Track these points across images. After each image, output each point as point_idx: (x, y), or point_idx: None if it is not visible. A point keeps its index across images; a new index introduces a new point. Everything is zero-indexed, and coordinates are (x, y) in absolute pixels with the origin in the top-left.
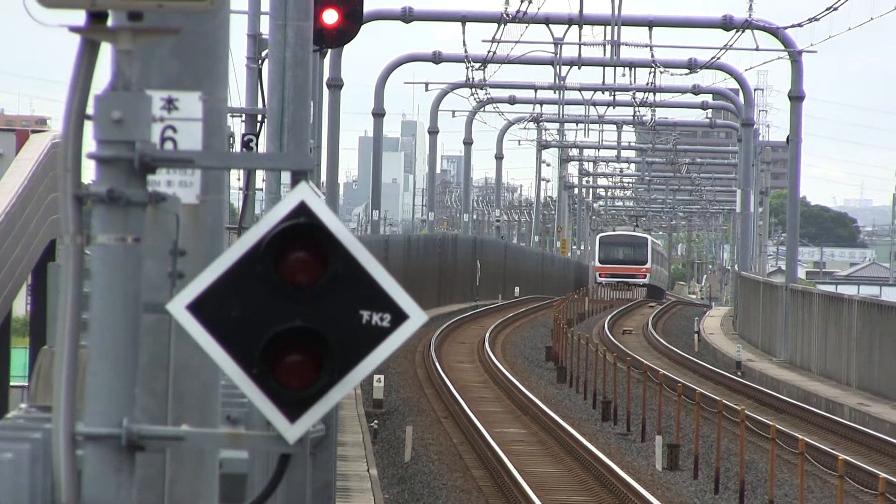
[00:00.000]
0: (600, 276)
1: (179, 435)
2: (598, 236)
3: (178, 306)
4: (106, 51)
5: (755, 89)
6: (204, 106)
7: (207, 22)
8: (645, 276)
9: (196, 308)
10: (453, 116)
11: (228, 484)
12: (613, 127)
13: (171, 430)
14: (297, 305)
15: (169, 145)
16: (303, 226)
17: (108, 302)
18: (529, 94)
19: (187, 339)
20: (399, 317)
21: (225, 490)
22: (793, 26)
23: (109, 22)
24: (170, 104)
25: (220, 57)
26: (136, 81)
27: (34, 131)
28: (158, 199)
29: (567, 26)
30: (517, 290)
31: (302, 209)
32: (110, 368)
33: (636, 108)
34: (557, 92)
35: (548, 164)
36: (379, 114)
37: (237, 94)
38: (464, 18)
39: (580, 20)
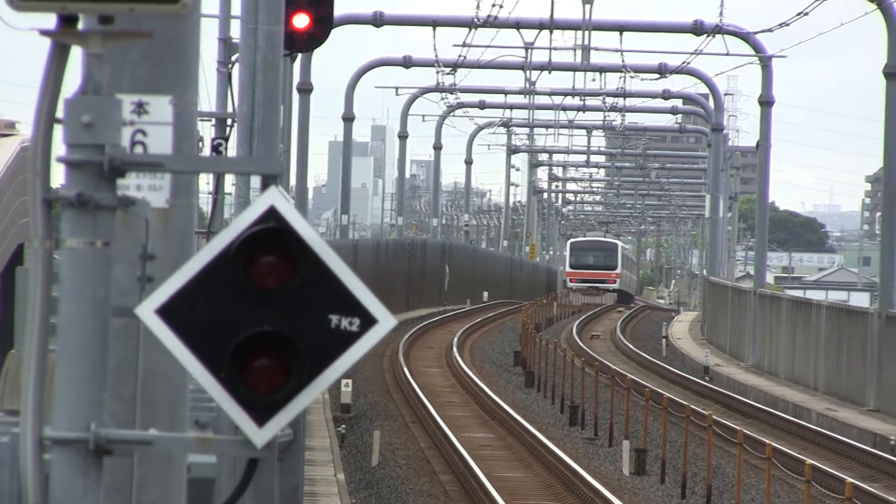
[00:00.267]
0: (571, 281)
1: (147, 439)
2: (568, 242)
3: (147, 310)
4: (76, 54)
5: (725, 94)
6: (174, 110)
7: (178, 26)
8: (615, 282)
9: (165, 312)
10: (423, 121)
11: (196, 488)
12: (583, 132)
13: (139, 435)
14: (267, 309)
15: (139, 149)
16: (272, 230)
17: (77, 306)
18: (499, 98)
19: (156, 344)
20: (368, 321)
21: (193, 494)
22: (763, 31)
23: (80, 25)
24: (140, 108)
25: (191, 61)
26: (106, 85)
27: (2, 135)
28: (128, 202)
29: (538, 31)
30: (486, 294)
31: (271, 213)
32: (79, 372)
33: (606, 113)
34: (527, 96)
35: (517, 169)
36: (349, 118)
37: (207, 97)
38: (434, 23)
39: (551, 24)
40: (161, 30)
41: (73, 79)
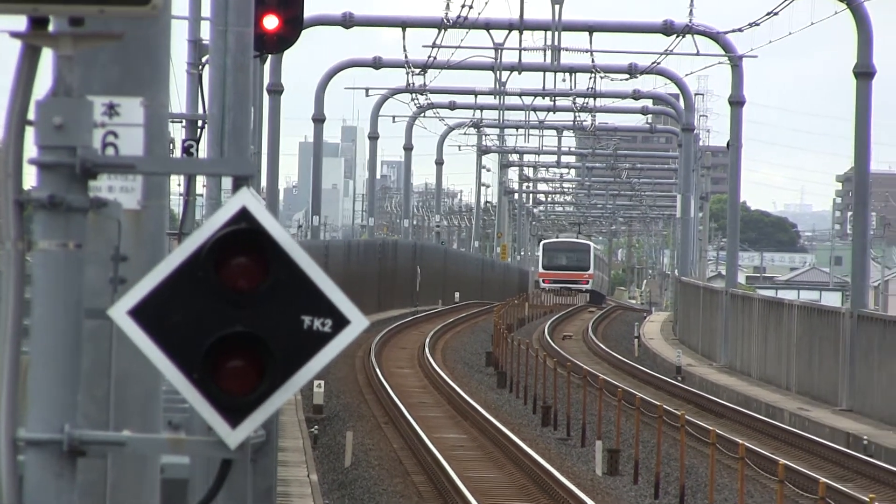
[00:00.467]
0: (544, 282)
1: (121, 440)
2: (541, 243)
3: (120, 312)
4: (47, 56)
5: (695, 94)
6: (145, 111)
7: (149, 28)
8: (588, 282)
9: (137, 313)
10: (393, 122)
11: (170, 489)
12: (554, 132)
13: (112, 436)
14: (239, 311)
15: (110, 151)
16: (244, 231)
17: (50, 308)
18: (470, 99)
19: (129, 345)
20: (340, 322)
21: (166, 495)
22: (733, 31)
23: (51, 27)
24: (111, 110)
25: (162, 62)
26: (77, 87)
27: None
28: (100, 204)
29: (507, 31)
30: (457, 295)
31: (243, 214)
32: (52, 374)
33: (576, 114)
34: (498, 97)
35: (488, 170)
36: (319, 119)
37: (177, 99)
38: (404, 24)
39: (521, 25)
40: (132, 31)
41: (44, 81)
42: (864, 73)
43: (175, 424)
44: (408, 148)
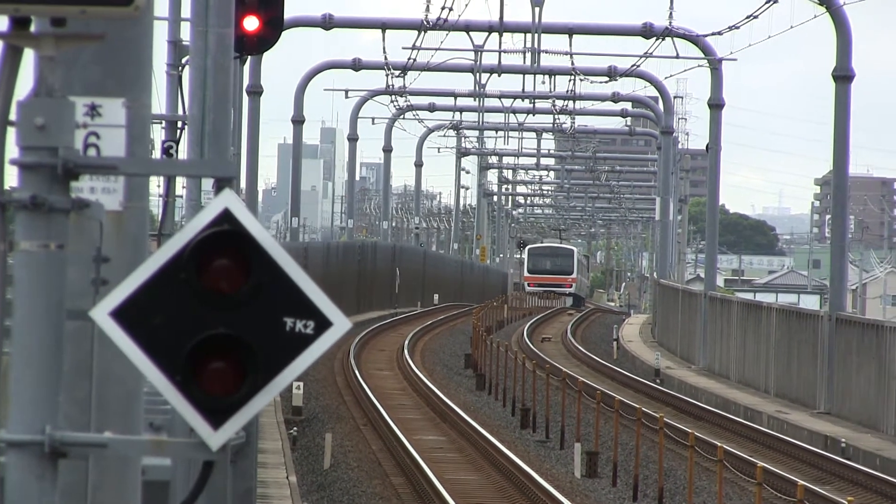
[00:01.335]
0: (529, 285)
1: (102, 442)
2: (526, 248)
3: (102, 313)
4: (29, 57)
5: (675, 97)
6: (127, 112)
7: (131, 28)
8: (571, 286)
9: (119, 315)
10: (373, 123)
11: (151, 491)
12: (533, 134)
13: (94, 437)
14: (221, 312)
15: (92, 152)
16: (227, 233)
17: (32, 308)
18: (449, 101)
19: (110, 346)
20: (323, 324)
21: (148, 497)
22: (713, 34)
23: (33, 28)
24: (93, 110)
25: (144, 63)
26: (59, 87)
27: None
28: (82, 205)
29: (487, 34)
30: (436, 297)
31: (226, 216)
32: (33, 375)
33: (556, 116)
34: (477, 99)
35: (467, 172)
36: (298, 121)
37: (157, 100)
38: (384, 25)
39: (500, 27)
40: (114, 32)
41: (26, 81)
42: (843, 76)
43: (157, 426)
44: (387, 150)
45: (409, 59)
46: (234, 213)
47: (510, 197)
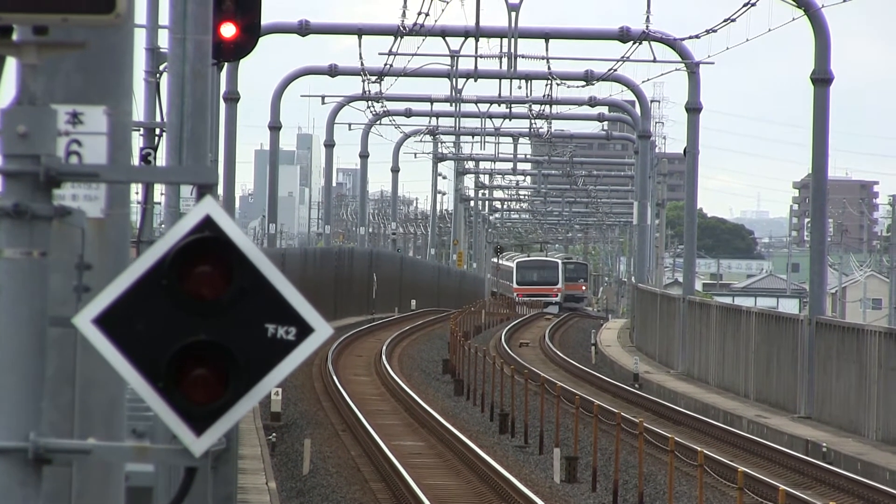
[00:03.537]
0: (518, 296)
1: (86, 448)
2: (515, 262)
3: (84, 320)
4: (11, 65)
5: (652, 101)
6: (109, 120)
7: (112, 36)
8: (557, 295)
9: (102, 322)
10: (349, 129)
11: (134, 497)
12: (510, 139)
13: (77, 444)
14: (203, 319)
15: (74, 159)
16: (208, 240)
17: (15, 316)
18: (426, 106)
19: (93, 353)
20: (305, 330)
21: (131, 503)
22: (690, 38)
23: (14, 36)
24: (75, 118)
25: (125, 71)
26: (41, 96)
27: None
28: (64, 213)
29: (463, 39)
30: (414, 302)
31: (207, 223)
32: (17, 382)
33: (532, 121)
34: (454, 104)
35: (444, 177)
36: (275, 127)
37: (135, 107)
38: (360, 31)
39: (477, 33)
40: (95, 40)
41: (8, 89)
42: (821, 79)
43: (139, 433)
44: (364, 155)
45: (385, 64)
46: (215, 220)
47: (487, 202)
